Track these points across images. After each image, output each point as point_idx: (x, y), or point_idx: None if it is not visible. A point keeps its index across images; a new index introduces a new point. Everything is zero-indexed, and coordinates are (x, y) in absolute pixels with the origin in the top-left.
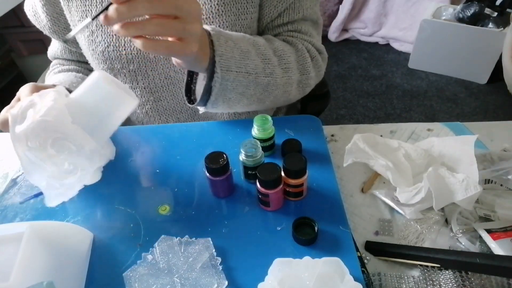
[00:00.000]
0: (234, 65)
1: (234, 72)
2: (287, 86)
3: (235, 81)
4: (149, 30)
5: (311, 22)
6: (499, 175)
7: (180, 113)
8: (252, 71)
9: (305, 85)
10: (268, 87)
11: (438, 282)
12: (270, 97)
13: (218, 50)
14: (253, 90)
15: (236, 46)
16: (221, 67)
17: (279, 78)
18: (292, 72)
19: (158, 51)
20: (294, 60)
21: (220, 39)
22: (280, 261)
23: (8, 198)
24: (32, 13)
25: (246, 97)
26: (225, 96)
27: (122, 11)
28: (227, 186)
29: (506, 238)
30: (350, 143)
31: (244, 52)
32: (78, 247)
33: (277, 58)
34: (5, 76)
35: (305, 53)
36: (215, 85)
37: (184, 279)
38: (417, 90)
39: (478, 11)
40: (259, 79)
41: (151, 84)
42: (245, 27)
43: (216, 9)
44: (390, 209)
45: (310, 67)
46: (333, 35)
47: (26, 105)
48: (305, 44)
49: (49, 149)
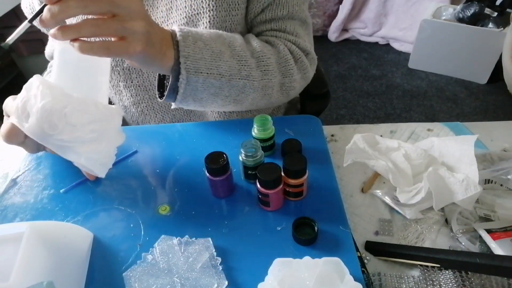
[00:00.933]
0: (204, 66)
1: (204, 74)
2: (266, 89)
3: (205, 83)
4: (85, 31)
5: (299, 21)
6: (499, 175)
7: (176, 110)
8: (226, 72)
9: (288, 88)
10: (245, 89)
11: (438, 282)
12: (248, 98)
13: (183, 51)
14: (227, 92)
15: (207, 46)
16: (187, 69)
17: (257, 81)
18: (272, 74)
19: (96, 53)
20: (274, 62)
21: (188, 40)
22: (280, 261)
23: (8, 198)
24: (30, 10)
25: (221, 98)
26: (196, 96)
27: (55, 11)
28: (227, 186)
29: (506, 238)
30: (350, 143)
31: (216, 53)
32: (78, 247)
33: (255, 60)
34: (5, 76)
35: (287, 54)
36: (180, 86)
37: (184, 279)
38: (417, 90)
39: (478, 11)
40: (233, 81)
41: (145, 81)
42: (235, 23)
43: (207, 4)
44: (390, 209)
45: (293, 69)
46: (333, 35)
47: (22, 105)
48: (288, 45)
49: (66, 127)
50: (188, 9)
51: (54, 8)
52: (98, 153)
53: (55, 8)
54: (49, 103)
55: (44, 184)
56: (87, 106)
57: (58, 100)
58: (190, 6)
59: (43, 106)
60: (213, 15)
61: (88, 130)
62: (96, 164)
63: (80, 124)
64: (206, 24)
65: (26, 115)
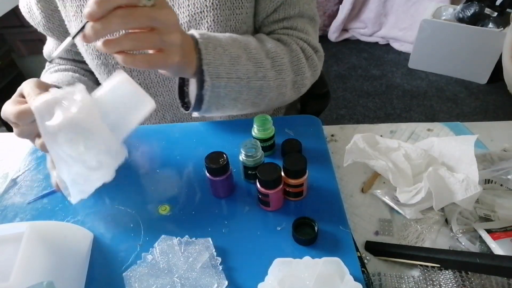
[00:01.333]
0: (224, 72)
1: (224, 79)
2: (281, 88)
3: (226, 87)
4: (126, 45)
5: (308, 19)
6: (499, 175)
7: (177, 108)
8: (244, 76)
9: (300, 86)
10: (262, 91)
11: (438, 282)
12: (265, 100)
13: (205, 59)
14: (246, 95)
15: (226, 52)
16: (210, 75)
17: (272, 80)
18: (285, 73)
19: (138, 66)
20: (288, 61)
21: (209, 46)
22: (280, 261)
23: (8, 198)
24: (27, 9)
25: (240, 102)
26: (219, 103)
27: (97, 28)
28: (227, 186)
29: (506, 238)
30: (350, 143)
31: (234, 57)
32: (78, 247)
33: (270, 61)
34: (5, 76)
35: (300, 53)
36: (206, 93)
37: (184, 279)
38: (417, 90)
39: (478, 11)
40: (251, 83)
41: (146, 79)
42: (240, 22)
43: (210, 3)
44: (390, 209)
45: (305, 67)
46: (333, 35)
47: (51, 100)
48: (299, 44)
49: (80, 146)
50: (191, 7)
51: (96, 25)
52: (85, 181)
53: (98, 26)
54: (80, 119)
55: (44, 184)
56: (107, 139)
57: (88, 121)
58: (193, 4)
59: (73, 118)
60: (216, 13)
61: (95, 159)
62: (76, 188)
63: (93, 150)
64: (209, 23)
65: (51, 112)
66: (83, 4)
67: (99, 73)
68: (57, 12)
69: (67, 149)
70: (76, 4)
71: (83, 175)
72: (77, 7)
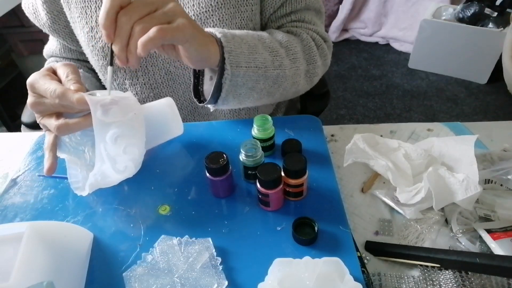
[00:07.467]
0: (244, 60)
1: (243, 68)
2: (295, 77)
3: (245, 76)
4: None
5: (314, 11)
6: (499, 175)
7: (180, 109)
8: (261, 65)
9: (312, 75)
10: (278, 80)
11: (438, 282)
12: (280, 89)
13: (227, 47)
14: (263, 84)
15: (243, 41)
16: (231, 63)
17: (287, 69)
18: (299, 62)
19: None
20: (300, 50)
21: (227, 35)
22: (280, 261)
23: (8, 198)
24: (32, 11)
25: (256, 92)
26: (236, 92)
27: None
28: (227, 186)
29: (506, 238)
30: (350, 143)
31: (251, 46)
32: (78, 247)
33: (284, 50)
34: (5, 76)
35: (311, 42)
36: (225, 82)
37: (184, 279)
38: (417, 90)
39: (478, 11)
40: (268, 72)
41: (151, 80)
42: (245, 19)
43: (215, 2)
44: (390, 209)
45: (316, 56)
46: (333, 35)
47: (110, 101)
48: (310, 33)
49: (122, 147)
50: (197, 7)
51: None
52: (102, 179)
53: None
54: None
55: (44, 184)
56: (142, 150)
57: (138, 128)
58: (198, 4)
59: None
60: (221, 12)
61: (124, 164)
62: (88, 182)
63: (128, 156)
64: (215, 22)
65: (107, 108)
66: (88, 6)
67: (103, 74)
68: (63, 13)
69: (110, 147)
70: (80, 6)
71: (106, 174)
72: (82, 8)
